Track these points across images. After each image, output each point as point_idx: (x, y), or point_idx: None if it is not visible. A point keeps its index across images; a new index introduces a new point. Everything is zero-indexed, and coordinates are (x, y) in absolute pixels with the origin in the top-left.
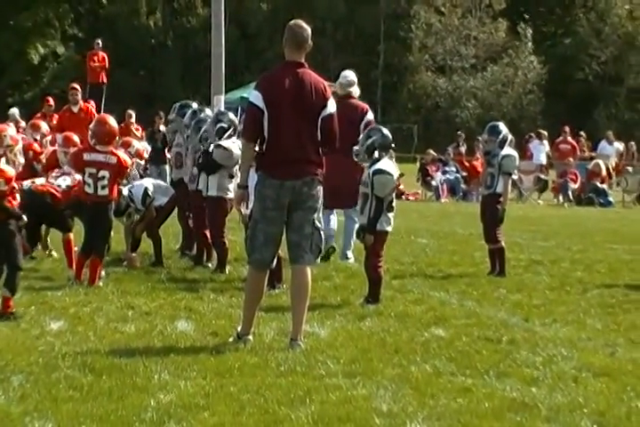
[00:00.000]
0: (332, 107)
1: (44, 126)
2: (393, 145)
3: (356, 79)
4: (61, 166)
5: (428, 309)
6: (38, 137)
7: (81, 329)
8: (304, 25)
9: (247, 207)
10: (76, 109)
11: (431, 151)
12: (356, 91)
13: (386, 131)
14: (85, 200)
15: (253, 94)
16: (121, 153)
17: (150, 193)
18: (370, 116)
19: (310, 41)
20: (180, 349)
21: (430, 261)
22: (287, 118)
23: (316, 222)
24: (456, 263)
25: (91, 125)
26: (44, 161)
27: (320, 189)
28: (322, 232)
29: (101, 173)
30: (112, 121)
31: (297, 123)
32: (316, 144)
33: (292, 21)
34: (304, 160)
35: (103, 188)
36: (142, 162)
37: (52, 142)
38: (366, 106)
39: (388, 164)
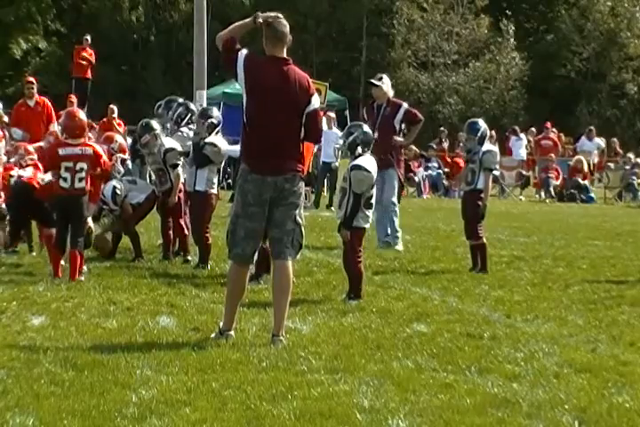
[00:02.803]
0: (316, 102)
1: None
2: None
3: None
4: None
5: (409, 305)
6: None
7: (63, 324)
8: (283, 20)
9: None
10: (32, 103)
11: (413, 147)
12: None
13: (367, 127)
14: (61, 194)
15: (241, 58)
16: (94, 144)
17: (119, 191)
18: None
19: (290, 36)
20: (161, 344)
21: (412, 257)
22: (271, 113)
23: (298, 218)
24: (438, 259)
25: (60, 120)
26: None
27: (302, 184)
28: (303, 228)
29: (79, 165)
30: (81, 114)
31: (280, 118)
32: (298, 140)
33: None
34: (286, 155)
35: (80, 180)
36: (126, 156)
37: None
38: (400, 102)
39: (368, 160)
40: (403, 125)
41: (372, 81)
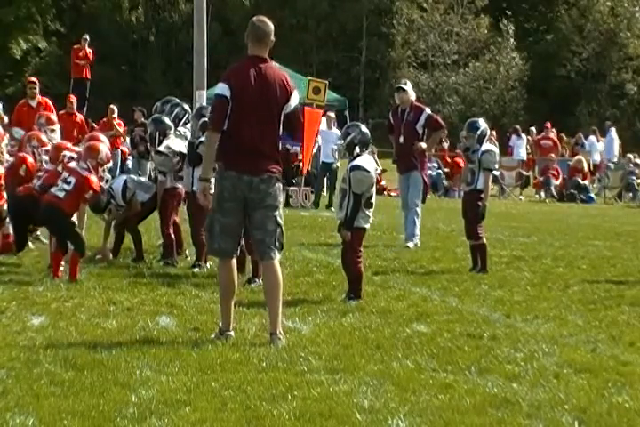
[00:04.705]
0: (294, 100)
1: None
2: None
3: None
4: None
5: (409, 305)
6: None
7: (62, 325)
8: (266, 20)
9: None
10: (34, 104)
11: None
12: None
13: (364, 127)
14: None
15: (220, 87)
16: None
17: (130, 187)
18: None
19: (273, 36)
20: (161, 344)
21: (412, 257)
22: (249, 112)
23: (279, 219)
24: (438, 259)
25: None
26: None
27: (279, 186)
28: (284, 229)
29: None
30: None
31: (259, 116)
32: (276, 139)
33: (255, 17)
34: (262, 154)
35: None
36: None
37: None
38: (423, 107)
39: (366, 160)
40: (425, 130)
41: (402, 86)
